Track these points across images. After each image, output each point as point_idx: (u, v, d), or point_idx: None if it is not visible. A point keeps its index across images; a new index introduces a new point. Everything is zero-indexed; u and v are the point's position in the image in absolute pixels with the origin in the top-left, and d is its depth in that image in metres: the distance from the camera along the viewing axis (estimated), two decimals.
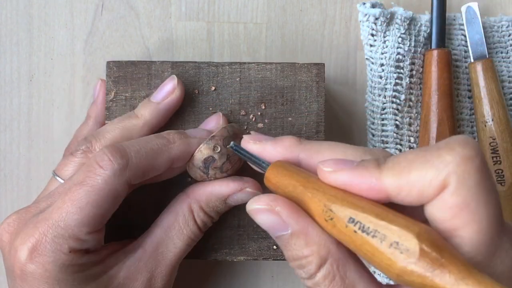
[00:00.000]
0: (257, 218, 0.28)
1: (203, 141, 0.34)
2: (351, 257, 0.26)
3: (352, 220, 0.23)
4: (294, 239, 0.26)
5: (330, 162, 0.26)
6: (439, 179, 0.22)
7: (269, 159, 0.29)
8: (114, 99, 0.37)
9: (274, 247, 0.37)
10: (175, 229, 0.34)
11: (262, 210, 0.27)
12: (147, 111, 0.35)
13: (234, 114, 0.38)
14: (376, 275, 0.40)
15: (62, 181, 0.34)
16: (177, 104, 0.36)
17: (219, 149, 0.33)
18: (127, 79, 0.37)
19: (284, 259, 0.38)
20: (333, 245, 0.26)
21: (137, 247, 0.34)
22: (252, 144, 0.30)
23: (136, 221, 0.36)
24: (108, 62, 0.37)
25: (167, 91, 0.36)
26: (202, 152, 0.34)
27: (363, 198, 0.24)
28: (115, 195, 0.31)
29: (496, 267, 0.23)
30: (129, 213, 0.36)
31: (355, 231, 0.23)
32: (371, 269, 0.34)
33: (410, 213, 0.24)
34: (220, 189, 0.34)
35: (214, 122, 0.36)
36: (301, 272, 0.27)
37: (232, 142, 0.32)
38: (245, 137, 0.31)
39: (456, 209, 0.22)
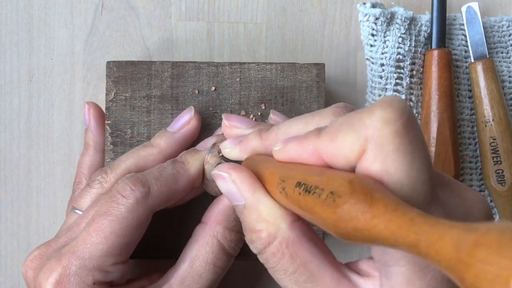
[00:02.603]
0: (217, 183, 0.29)
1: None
2: (305, 236, 0.26)
3: (298, 184, 0.24)
4: (247, 212, 0.27)
5: (280, 142, 0.26)
6: (358, 144, 0.22)
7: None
8: (114, 99, 0.37)
9: None
10: (199, 260, 0.33)
11: (221, 177, 0.28)
12: (162, 140, 0.35)
13: None
14: None
15: (80, 213, 0.34)
16: (193, 134, 0.36)
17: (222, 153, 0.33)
18: (127, 79, 0.37)
19: None
20: (285, 223, 0.26)
21: (163, 283, 0.33)
22: (229, 152, 0.31)
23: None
24: (108, 62, 0.37)
25: (184, 121, 0.36)
26: (210, 162, 0.33)
27: (312, 165, 0.25)
28: (138, 224, 0.31)
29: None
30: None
31: (299, 193, 0.23)
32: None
33: None
34: None
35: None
36: (252, 246, 0.27)
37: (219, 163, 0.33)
38: (222, 145, 0.32)
39: (375, 175, 0.21)
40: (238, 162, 0.31)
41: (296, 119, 0.28)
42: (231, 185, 0.27)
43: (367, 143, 0.22)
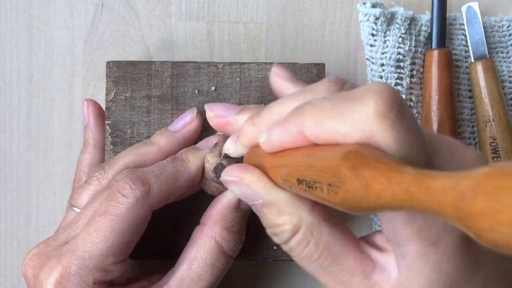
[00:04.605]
0: (230, 188, 0.29)
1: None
2: (326, 220, 0.26)
3: (299, 181, 0.24)
4: (266, 209, 0.27)
5: (264, 132, 0.26)
6: (353, 136, 0.22)
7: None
8: (114, 99, 0.37)
9: (274, 247, 0.37)
10: (197, 261, 0.33)
11: (233, 182, 0.28)
12: (162, 139, 0.35)
13: None
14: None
15: (78, 210, 0.34)
16: (194, 135, 0.36)
17: (224, 154, 0.33)
18: (127, 79, 0.37)
19: (284, 259, 0.37)
20: (306, 212, 0.26)
21: (162, 285, 0.33)
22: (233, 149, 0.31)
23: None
24: (108, 62, 0.37)
25: (185, 121, 0.36)
26: (210, 161, 0.33)
27: (304, 151, 0.24)
28: (138, 223, 0.31)
29: None
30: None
31: (305, 190, 0.23)
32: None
33: None
34: (227, 198, 0.34)
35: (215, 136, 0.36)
36: (275, 238, 0.27)
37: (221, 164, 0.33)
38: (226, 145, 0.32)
39: None
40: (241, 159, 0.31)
41: (288, 99, 0.27)
42: (245, 188, 0.28)
43: (364, 135, 0.22)
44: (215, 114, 0.33)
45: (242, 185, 0.28)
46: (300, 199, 0.26)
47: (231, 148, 0.31)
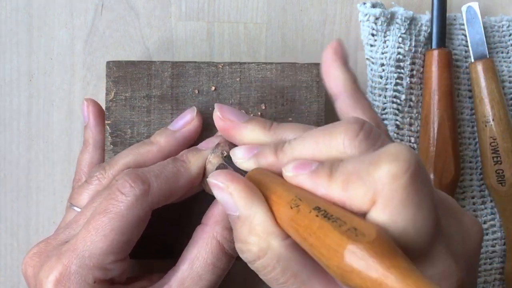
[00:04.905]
0: (213, 191, 0.29)
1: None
2: (297, 250, 0.26)
3: (317, 208, 0.24)
4: (240, 223, 0.27)
5: (291, 166, 0.27)
6: (368, 196, 0.23)
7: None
8: (114, 99, 0.37)
9: None
10: (198, 261, 0.33)
11: (217, 186, 0.28)
12: (162, 138, 0.35)
13: None
14: None
15: (79, 210, 0.34)
16: (194, 135, 0.36)
17: (226, 154, 0.33)
18: (127, 79, 0.37)
19: None
20: (277, 240, 0.26)
21: (162, 284, 0.33)
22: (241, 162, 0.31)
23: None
24: (108, 62, 0.37)
25: (186, 121, 0.36)
26: (212, 162, 0.33)
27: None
28: (138, 221, 0.31)
29: (426, 271, 0.24)
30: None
31: (316, 215, 0.23)
32: None
33: None
34: None
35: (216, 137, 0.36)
36: (242, 256, 0.28)
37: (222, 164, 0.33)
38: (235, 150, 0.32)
39: (382, 224, 0.23)
40: (242, 170, 0.31)
41: (308, 137, 0.27)
42: (227, 195, 0.28)
43: (376, 196, 0.23)
44: (224, 116, 0.33)
45: (225, 192, 0.28)
46: (276, 226, 0.26)
47: (242, 159, 0.31)
